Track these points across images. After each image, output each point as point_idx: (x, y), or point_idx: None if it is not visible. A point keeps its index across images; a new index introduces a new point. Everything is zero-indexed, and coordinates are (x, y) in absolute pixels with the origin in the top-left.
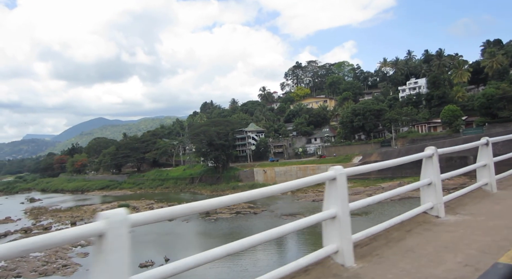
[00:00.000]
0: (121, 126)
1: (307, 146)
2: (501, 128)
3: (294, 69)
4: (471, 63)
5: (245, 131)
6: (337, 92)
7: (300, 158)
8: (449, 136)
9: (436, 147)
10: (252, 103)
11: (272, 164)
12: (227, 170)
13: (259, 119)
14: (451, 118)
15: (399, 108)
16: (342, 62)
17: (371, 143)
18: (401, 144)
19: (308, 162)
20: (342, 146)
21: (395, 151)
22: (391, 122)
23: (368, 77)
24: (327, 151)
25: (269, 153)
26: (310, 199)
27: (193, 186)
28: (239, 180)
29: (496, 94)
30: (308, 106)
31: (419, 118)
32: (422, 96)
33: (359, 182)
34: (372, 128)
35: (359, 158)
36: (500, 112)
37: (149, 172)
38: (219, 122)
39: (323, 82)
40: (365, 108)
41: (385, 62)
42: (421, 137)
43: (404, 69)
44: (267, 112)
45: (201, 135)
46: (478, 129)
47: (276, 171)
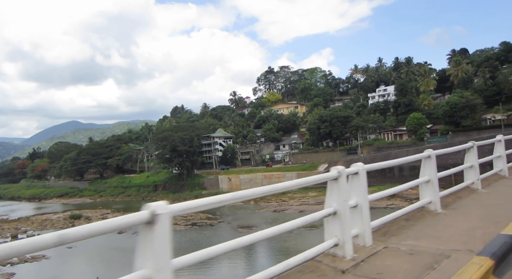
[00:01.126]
0: (95, 130)
1: (275, 153)
2: (464, 137)
3: (266, 74)
4: (437, 72)
5: (212, 137)
6: (309, 99)
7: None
8: (413, 144)
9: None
10: (221, 108)
11: (237, 171)
12: (192, 177)
13: (227, 125)
14: (416, 127)
15: (366, 116)
16: (315, 68)
17: (337, 150)
18: (367, 151)
19: (273, 170)
20: (309, 153)
21: (360, 158)
22: (358, 129)
23: (340, 84)
24: (294, 158)
25: (236, 160)
26: (271, 209)
27: (156, 193)
28: (203, 187)
29: (460, 103)
30: (278, 112)
31: (385, 126)
32: (389, 103)
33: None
34: (339, 136)
35: (324, 166)
36: (463, 120)
37: (111, 179)
38: (183, 127)
39: (295, 88)
40: (332, 115)
41: (356, 69)
42: (386, 145)
43: (374, 76)
44: (237, 117)
45: (164, 141)
46: (442, 138)
47: (241, 178)
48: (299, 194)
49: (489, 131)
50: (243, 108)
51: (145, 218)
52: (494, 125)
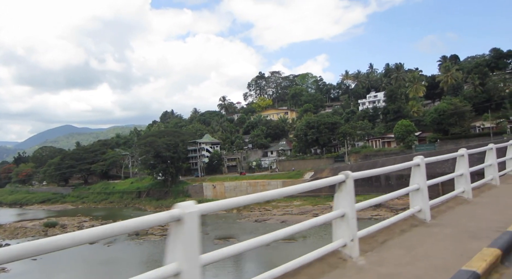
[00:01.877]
0: (89, 135)
1: (263, 159)
2: (452, 145)
3: (257, 79)
4: (427, 78)
5: (199, 142)
6: (299, 104)
7: (254, 172)
8: (401, 152)
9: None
10: (210, 113)
11: (222, 179)
12: (176, 184)
13: (215, 131)
14: (404, 134)
15: (354, 122)
16: (306, 74)
17: (324, 158)
18: (354, 159)
19: (259, 177)
20: (296, 160)
21: (347, 166)
22: (345, 136)
23: (331, 90)
24: (281, 165)
25: (223, 167)
26: (253, 219)
27: (140, 200)
28: (188, 195)
29: (448, 110)
30: (267, 118)
31: (374, 133)
32: (379, 110)
33: (308, 200)
34: (327, 143)
35: (310, 174)
36: (452, 128)
37: (95, 185)
38: (168, 132)
39: (286, 93)
40: (319, 122)
41: (347, 75)
42: (374, 153)
43: (365, 82)
44: (225, 123)
45: (148, 146)
46: (430, 146)
47: (226, 186)
48: (284, 202)
49: (478, 139)
50: (233, 114)
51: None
52: (483, 133)
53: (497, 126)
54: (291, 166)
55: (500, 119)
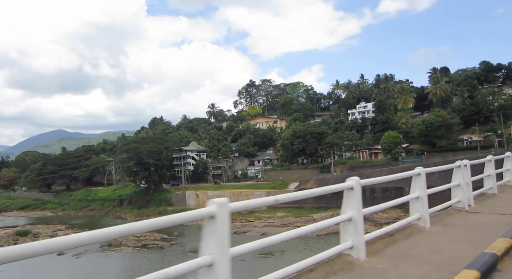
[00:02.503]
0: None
1: (249, 169)
2: (439, 158)
3: (247, 87)
4: (416, 89)
5: (184, 150)
6: (289, 113)
7: (239, 181)
8: (388, 164)
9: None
10: (198, 120)
11: (205, 187)
12: (159, 192)
13: (201, 138)
14: (391, 145)
15: (341, 133)
16: (297, 83)
17: (310, 168)
18: (340, 170)
19: (244, 186)
20: (282, 170)
21: (332, 178)
22: (331, 146)
23: (321, 99)
24: (266, 174)
25: (208, 175)
26: (233, 231)
27: (121, 208)
28: (170, 203)
29: (435, 122)
30: (256, 126)
31: (362, 143)
32: (367, 120)
33: (292, 211)
34: (313, 152)
35: (295, 184)
36: (439, 141)
37: (77, 191)
38: (152, 139)
39: (277, 102)
40: (305, 131)
41: (337, 84)
42: (360, 164)
43: (356, 92)
44: (212, 130)
45: (130, 152)
46: (416, 158)
47: (209, 195)
48: (267, 213)
49: (465, 153)
50: (222, 122)
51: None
52: (470, 146)
53: (485, 140)
54: (276, 176)
55: (487, 133)
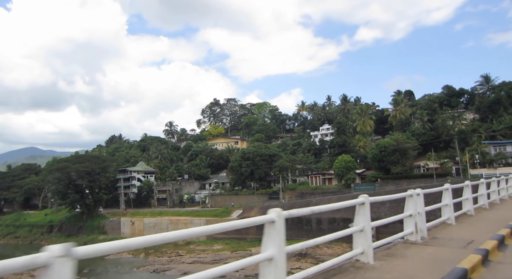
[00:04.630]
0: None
1: (198, 193)
2: (393, 186)
3: (211, 106)
4: (376, 112)
5: (129, 170)
6: (252, 134)
7: (185, 207)
8: (339, 191)
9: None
10: (151, 139)
11: (144, 214)
12: (93, 217)
13: (151, 158)
14: (344, 170)
15: (293, 155)
16: (264, 103)
17: (258, 194)
18: (289, 197)
19: (185, 213)
20: (229, 195)
21: (278, 205)
22: (281, 170)
23: (286, 120)
24: (213, 199)
25: (152, 199)
26: (152, 269)
27: (49, 236)
28: (103, 231)
29: (389, 146)
30: (213, 147)
31: (317, 168)
32: (326, 143)
33: (232, 243)
34: (263, 176)
35: (239, 212)
36: (393, 167)
37: (7, 215)
38: (86, 158)
39: (241, 122)
40: (255, 153)
41: (303, 105)
42: (310, 190)
43: (321, 114)
44: (165, 150)
45: (58, 172)
46: (370, 186)
47: (145, 222)
48: (204, 245)
49: (420, 180)
50: (181, 141)
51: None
52: (426, 174)
53: (441, 167)
54: (223, 201)
55: (444, 160)
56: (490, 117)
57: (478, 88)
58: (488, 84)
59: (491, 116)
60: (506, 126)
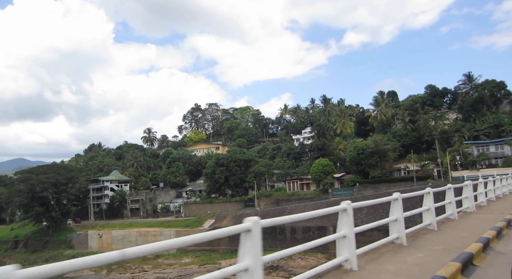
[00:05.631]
0: None
1: (174, 201)
2: (372, 190)
3: (193, 111)
4: (357, 113)
5: (102, 180)
6: (234, 139)
7: (158, 217)
8: (316, 197)
9: None
10: (128, 146)
11: (112, 226)
12: (61, 231)
13: (126, 166)
14: (321, 175)
15: (270, 160)
16: (247, 107)
17: (233, 201)
18: (265, 204)
19: (156, 224)
20: (203, 203)
21: (251, 213)
22: (257, 176)
23: (269, 124)
24: (187, 209)
25: (125, 209)
26: None
27: (15, 252)
28: (70, 245)
29: (368, 148)
30: (192, 153)
31: (296, 172)
32: (306, 146)
33: (202, 256)
34: (238, 183)
35: (210, 222)
36: (372, 170)
37: None
38: (51, 168)
39: (223, 127)
40: (229, 158)
41: (285, 109)
42: (286, 197)
43: (304, 117)
44: (141, 157)
45: (21, 184)
46: (348, 191)
47: (113, 235)
48: (173, 258)
49: (399, 184)
50: (161, 149)
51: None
52: (406, 177)
53: (422, 169)
54: (198, 210)
55: (425, 162)
56: (473, 117)
57: (461, 88)
58: (471, 83)
59: (474, 116)
60: (490, 126)
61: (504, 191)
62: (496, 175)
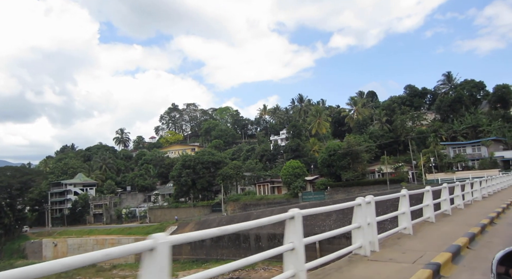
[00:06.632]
0: None
1: (142, 206)
2: (344, 194)
3: (170, 111)
4: (333, 113)
5: (65, 184)
6: (211, 140)
7: (123, 223)
8: (286, 201)
9: None
10: (98, 147)
11: (71, 233)
12: (14, 239)
13: (92, 169)
14: (291, 178)
15: (243, 162)
16: (226, 108)
17: (200, 206)
18: (232, 208)
19: (116, 231)
20: (168, 208)
21: (215, 220)
22: (224, 179)
23: (248, 125)
24: (152, 214)
25: (87, 215)
26: None
27: None
28: (24, 255)
29: (339, 149)
30: (165, 155)
31: (269, 175)
32: (280, 148)
33: None
34: (206, 186)
35: (173, 228)
36: (344, 173)
37: None
38: (3, 171)
39: (201, 128)
40: (196, 160)
41: (265, 109)
42: (255, 201)
43: (284, 118)
44: (110, 159)
45: None
46: (319, 194)
47: (69, 244)
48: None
49: (372, 187)
50: (136, 150)
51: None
52: (380, 180)
53: (396, 172)
54: (163, 215)
55: (399, 164)
56: (451, 117)
57: (440, 88)
58: (450, 83)
59: (452, 116)
60: (468, 126)
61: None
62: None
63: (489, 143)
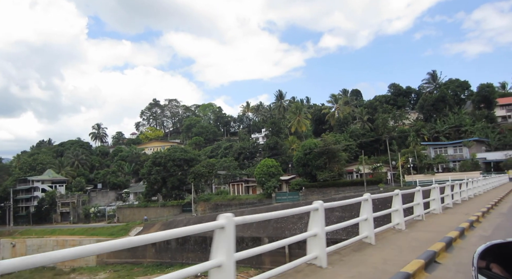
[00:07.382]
0: None
1: (111, 204)
2: (319, 195)
3: (151, 107)
4: (314, 110)
5: (31, 180)
6: (192, 137)
7: (90, 222)
8: (259, 202)
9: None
10: (71, 143)
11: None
12: None
13: (63, 165)
14: (265, 177)
15: (215, 160)
16: (209, 104)
17: (170, 206)
18: (203, 209)
19: (79, 231)
20: (137, 207)
21: (182, 221)
22: (196, 177)
23: (231, 122)
24: (121, 213)
25: (54, 213)
26: None
27: None
28: None
29: (315, 148)
30: (142, 152)
31: (246, 173)
32: (259, 146)
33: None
34: (177, 185)
35: (138, 229)
36: (320, 173)
37: None
38: None
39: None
40: (167, 157)
41: (248, 106)
42: (226, 201)
43: (267, 115)
44: (83, 155)
45: None
46: (293, 195)
47: (28, 244)
48: (88, 274)
49: (349, 189)
50: (113, 147)
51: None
52: (357, 181)
53: (374, 172)
54: (132, 215)
55: (377, 164)
56: (435, 117)
57: (425, 87)
58: (435, 82)
59: (436, 116)
60: (451, 127)
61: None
62: (451, 180)
63: (471, 144)
